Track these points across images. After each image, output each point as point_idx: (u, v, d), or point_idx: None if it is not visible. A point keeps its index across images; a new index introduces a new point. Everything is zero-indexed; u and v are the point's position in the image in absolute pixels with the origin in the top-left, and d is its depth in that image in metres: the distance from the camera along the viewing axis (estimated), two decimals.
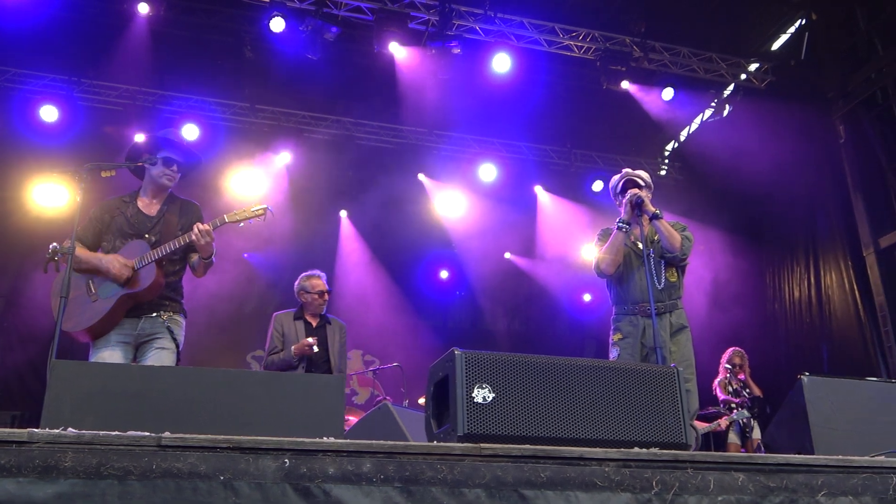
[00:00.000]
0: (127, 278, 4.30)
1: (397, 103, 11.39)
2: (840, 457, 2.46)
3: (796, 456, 2.46)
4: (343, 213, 13.06)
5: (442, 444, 2.41)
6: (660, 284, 4.84)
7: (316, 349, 6.00)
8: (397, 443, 2.20)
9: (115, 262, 4.31)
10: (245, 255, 12.25)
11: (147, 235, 4.47)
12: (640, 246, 4.91)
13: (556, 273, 13.70)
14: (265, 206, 4.40)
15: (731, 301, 11.33)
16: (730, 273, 11.47)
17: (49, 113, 10.34)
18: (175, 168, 4.61)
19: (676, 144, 14.04)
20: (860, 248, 10.50)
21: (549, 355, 2.86)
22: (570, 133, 13.09)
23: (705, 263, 11.23)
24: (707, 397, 9.51)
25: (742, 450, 8.74)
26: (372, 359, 12.18)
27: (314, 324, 6.28)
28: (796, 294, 11.35)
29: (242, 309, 12.25)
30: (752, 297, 11.55)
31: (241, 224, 4.39)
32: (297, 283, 6.44)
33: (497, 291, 13.86)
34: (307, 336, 6.14)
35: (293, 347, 6.00)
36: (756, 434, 8.87)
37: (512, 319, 14.21)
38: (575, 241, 12.89)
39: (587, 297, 14.28)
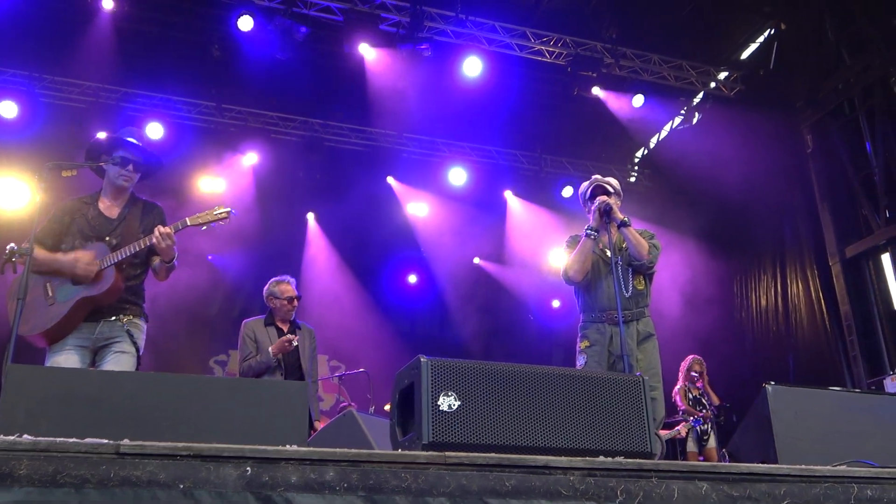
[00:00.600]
0: (93, 277, 4.22)
1: (367, 105, 11.38)
2: (803, 466, 2.50)
3: (760, 465, 2.49)
4: (310, 216, 13.03)
5: (406, 452, 2.40)
6: (627, 292, 4.88)
7: (295, 343, 5.99)
8: (361, 451, 2.19)
9: (79, 262, 4.24)
10: (209, 257, 12.16)
11: (108, 238, 4.39)
12: (608, 253, 4.95)
13: (525, 279, 13.80)
14: (228, 209, 4.34)
15: (697, 308, 11.46)
16: (697, 280, 11.60)
17: (8, 109, 10.13)
18: (131, 168, 4.52)
19: (646, 151, 14.21)
20: (826, 257, 10.69)
21: (516, 363, 2.87)
22: (541, 138, 13.18)
23: (673, 271, 11.34)
24: (668, 405, 9.63)
25: (700, 458, 8.85)
26: (338, 364, 12.17)
27: (285, 329, 6.26)
28: (763, 302, 11.51)
29: (205, 312, 12.16)
30: (719, 305, 11.68)
31: (204, 227, 4.33)
32: (266, 288, 6.40)
33: (466, 297, 13.93)
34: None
35: (271, 348, 5.97)
36: (712, 443, 8.98)
37: (480, 325, 14.25)
38: (544, 246, 12.97)
39: (556, 304, 14.38)
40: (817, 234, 10.86)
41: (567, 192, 12.95)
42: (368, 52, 10.51)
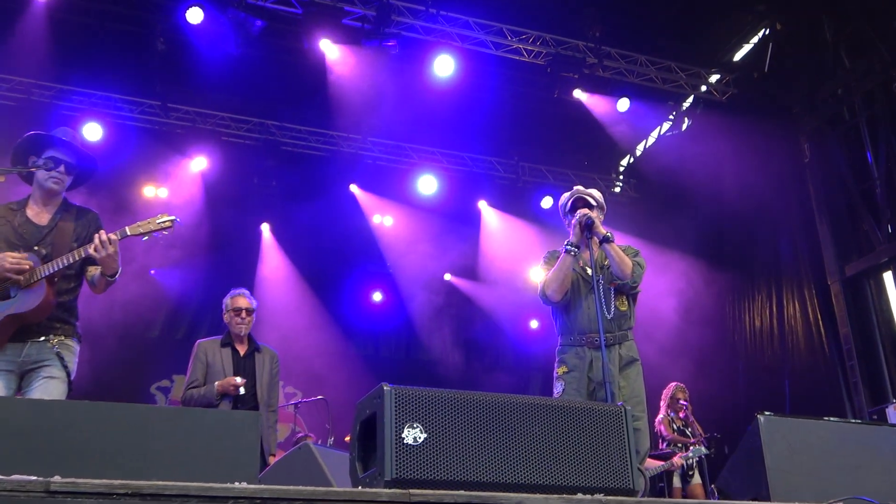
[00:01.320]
0: (27, 275, 4.09)
1: (328, 107, 11.38)
2: (797, 503, 2.54)
3: (751, 503, 2.53)
4: (265, 227, 12.99)
5: (368, 489, 2.41)
6: (609, 314, 4.91)
7: (243, 391, 5.89)
8: (318, 489, 2.19)
9: (7, 257, 4.11)
10: (152, 271, 12.05)
11: (37, 247, 4.26)
12: (589, 271, 5.00)
13: (501, 297, 13.83)
14: (173, 217, 4.27)
15: (687, 331, 11.56)
16: (687, 300, 11.71)
17: None
18: (62, 170, 4.40)
19: (632, 159, 14.34)
20: (825, 275, 10.81)
21: (489, 391, 2.89)
22: (518, 144, 13.26)
23: (660, 290, 11.42)
24: (653, 435, 9.69)
25: (683, 494, 8.89)
26: (294, 391, 12.11)
27: (242, 352, 6.17)
28: (757, 324, 11.62)
29: (147, 333, 12.04)
30: (710, 327, 11.80)
31: (146, 237, 4.25)
32: (223, 305, 6.39)
33: (436, 316, 13.95)
34: (234, 366, 6.04)
35: (216, 384, 5.87)
36: (697, 479, 9.00)
37: (452, 348, 14.27)
38: (522, 262, 13.03)
39: (534, 324, 14.47)
40: (815, 250, 11.00)
41: (546, 203, 13.06)
42: (330, 49, 10.50)
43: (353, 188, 12.95)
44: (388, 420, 2.63)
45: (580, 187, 5.34)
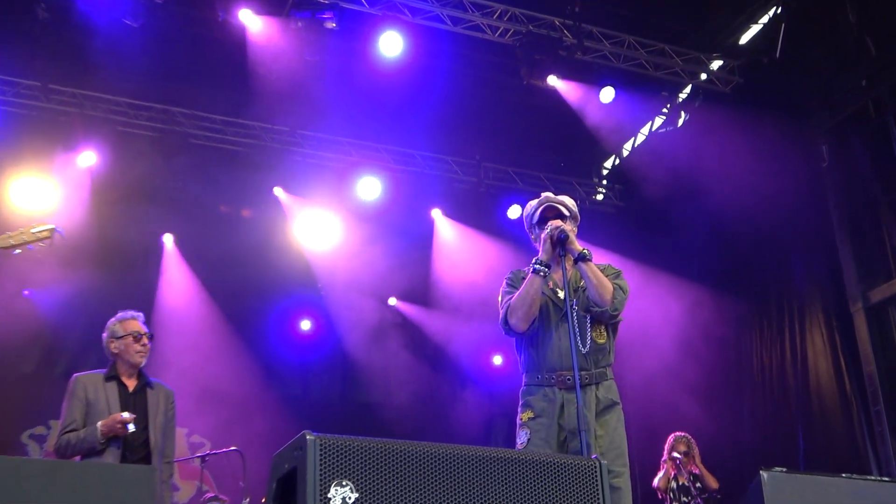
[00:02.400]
0: None
1: (249, 91, 11.34)
2: None
3: None
4: (168, 239, 12.89)
5: None
6: (584, 347, 4.96)
7: (132, 428, 5.82)
8: None
9: None
10: (25, 292, 11.90)
11: None
12: (561, 295, 5.05)
13: (458, 327, 13.90)
14: (52, 226, 4.26)
15: (682, 369, 11.68)
16: (682, 332, 11.82)
17: None
18: None
19: (617, 161, 14.45)
20: (846, 302, 10.93)
21: (441, 441, 2.90)
22: (481, 141, 13.30)
23: (650, 319, 11.52)
24: (649, 494, 9.77)
25: None
26: (201, 440, 12.03)
27: (131, 387, 6.09)
28: (766, 361, 11.74)
29: (18, 368, 11.87)
30: (709, 364, 11.92)
31: (18, 250, 4.24)
32: (105, 331, 6.29)
33: (378, 349, 13.93)
34: (121, 404, 5.93)
35: (100, 424, 5.75)
36: None
37: (398, 388, 14.23)
38: (483, 284, 12.91)
39: (497, 360, 14.60)
40: (835, 272, 11.12)
41: (514, 212, 13.17)
42: (252, 21, 10.45)
43: (278, 192, 12.93)
44: (310, 477, 2.61)
45: (549, 194, 5.40)
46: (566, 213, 5.28)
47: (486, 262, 13.02)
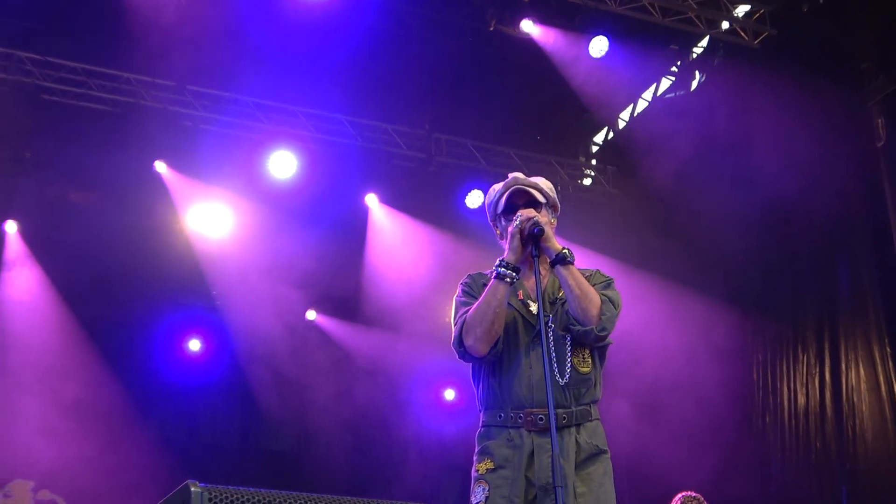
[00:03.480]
0: None
1: (122, 35, 11.33)
2: None
3: None
4: (10, 227, 12.83)
5: None
6: (563, 377, 4.90)
7: None
8: None
9: None
10: None
11: None
12: (534, 309, 4.98)
13: (400, 350, 14.05)
14: None
15: (691, 406, 11.62)
16: (692, 359, 11.77)
17: None
18: None
19: (611, 135, 14.56)
20: None
21: (375, 497, 3.12)
22: (432, 105, 13.40)
23: (651, 342, 11.49)
24: None
25: None
26: (53, 497, 12.01)
27: None
28: (801, 400, 11.69)
29: None
30: (727, 402, 11.89)
31: None
32: None
33: (293, 379, 13.99)
34: None
35: None
36: None
37: (318, 432, 14.32)
38: (432, 293, 13.19)
39: (450, 395, 14.77)
40: (890, 284, 11.13)
41: (474, 199, 13.33)
42: None
43: (161, 167, 12.93)
44: None
45: (519, 175, 5.28)
46: (541, 199, 5.17)
47: (438, 265, 13.22)
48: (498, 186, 5.29)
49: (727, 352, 11.96)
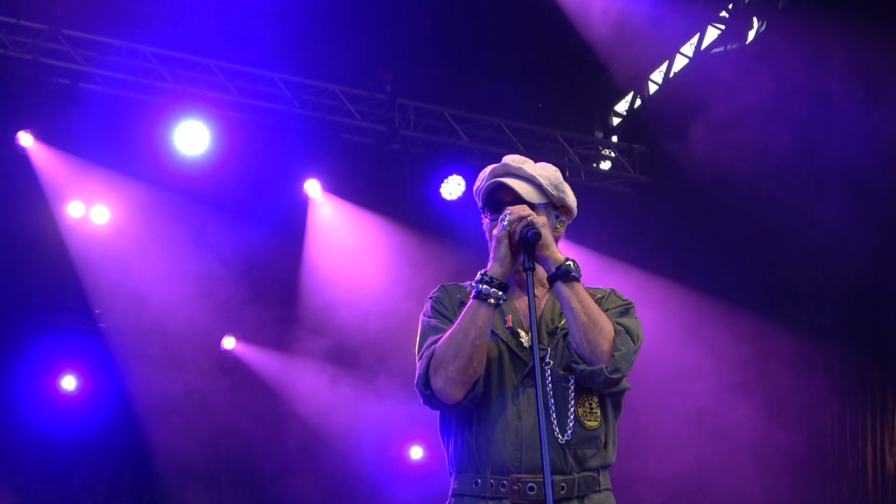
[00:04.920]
0: None
1: None
2: None
3: None
4: None
5: None
6: (564, 433, 4.88)
7: None
8: None
9: None
10: None
11: None
12: (526, 340, 5.01)
13: (349, 391, 14.06)
14: None
15: (741, 461, 11.71)
16: (733, 407, 11.83)
17: None
18: None
19: (638, 102, 14.66)
20: None
21: None
22: (395, 61, 13.49)
23: (689, 380, 11.56)
24: None
25: None
26: None
27: None
28: (891, 464, 11.66)
29: None
30: (786, 469, 11.94)
31: None
32: None
33: (199, 428, 14.03)
34: None
35: None
36: None
37: (234, 497, 14.22)
38: (394, 312, 13.14)
39: (416, 453, 14.83)
40: None
41: (452, 187, 13.31)
42: None
43: (26, 140, 12.88)
44: None
45: (512, 160, 5.27)
46: (535, 199, 5.19)
47: (402, 277, 13.27)
48: (485, 173, 5.26)
49: (789, 396, 12.01)
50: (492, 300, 4.91)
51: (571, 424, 4.93)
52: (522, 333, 5.06)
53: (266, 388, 14.49)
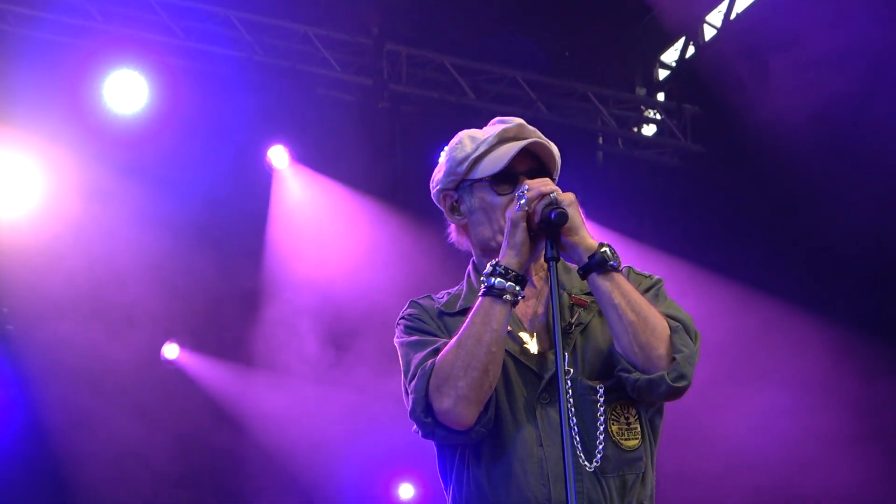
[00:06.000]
0: None
1: None
2: None
3: None
4: None
5: None
6: (592, 461, 4.90)
7: None
8: None
9: None
10: None
11: None
12: (532, 347, 5.06)
13: (324, 413, 14.04)
14: None
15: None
16: (815, 423, 11.91)
17: None
18: None
19: (691, 51, 14.71)
20: None
21: None
22: (383, 0, 13.55)
23: (750, 395, 11.62)
24: None
25: None
26: None
27: None
28: None
29: None
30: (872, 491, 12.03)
31: None
32: None
33: (130, 453, 14.03)
34: None
35: None
36: None
37: None
38: (379, 313, 13.05)
39: (406, 492, 14.86)
40: None
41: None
42: None
43: None
44: None
45: (519, 122, 5.25)
46: (556, 167, 5.26)
47: (389, 267, 13.32)
48: (477, 135, 5.28)
49: (870, 422, 12.10)
50: (508, 296, 4.91)
51: (601, 446, 4.94)
52: (526, 338, 5.10)
53: (217, 411, 14.43)
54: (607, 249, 4.93)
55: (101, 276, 13.11)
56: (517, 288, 4.94)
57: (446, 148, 5.34)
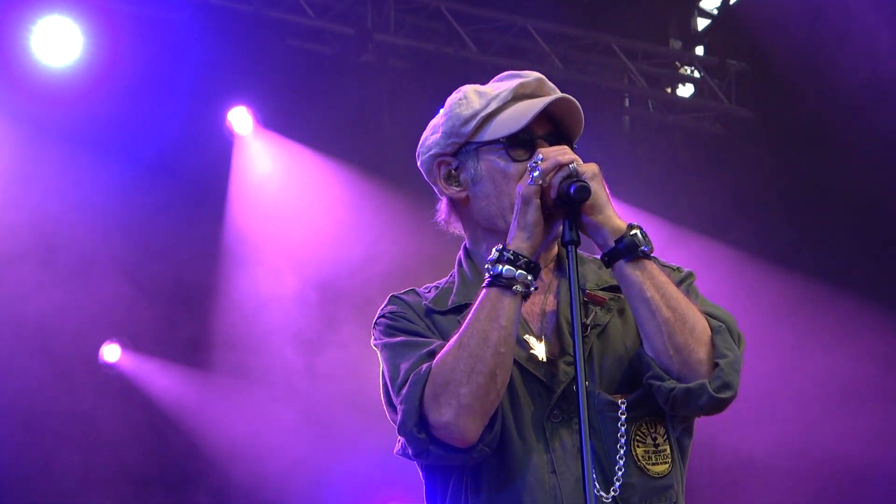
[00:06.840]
0: None
1: None
2: None
3: None
4: None
5: None
6: (610, 488, 4.87)
7: None
8: None
9: None
10: None
11: None
12: (539, 352, 5.04)
13: (292, 426, 14.02)
14: None
15: None
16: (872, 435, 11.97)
17: None
18: None
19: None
20: None
21: None
22: None
23: (795, 405, 11.66)
24: None
25: None
26: None
27: None
28: None
29: None
30: None
31: None
32: None
33: (72, 469, 14.05)
34: None
35: None
36: None
37: None
38: (362, 306, 13.07)
39: None
40: None
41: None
42: None
43: None
44: None
45: (536, 76, 5.27)
46: (578, 133, 5.23)
47: (374, 250, 13.38)
48: (486, 90, 5.26)
49: None
50: (518, 287, 4.87)
51: (621, 473, 4.90)
52: (533, 342, 5.08)
53: (166, 422, 14.45)
54: (637, 232, 4.86)
55: (24, 264, 13.09)
56: (529, 277, 4.88)
57: (445, 105, 5.26)
